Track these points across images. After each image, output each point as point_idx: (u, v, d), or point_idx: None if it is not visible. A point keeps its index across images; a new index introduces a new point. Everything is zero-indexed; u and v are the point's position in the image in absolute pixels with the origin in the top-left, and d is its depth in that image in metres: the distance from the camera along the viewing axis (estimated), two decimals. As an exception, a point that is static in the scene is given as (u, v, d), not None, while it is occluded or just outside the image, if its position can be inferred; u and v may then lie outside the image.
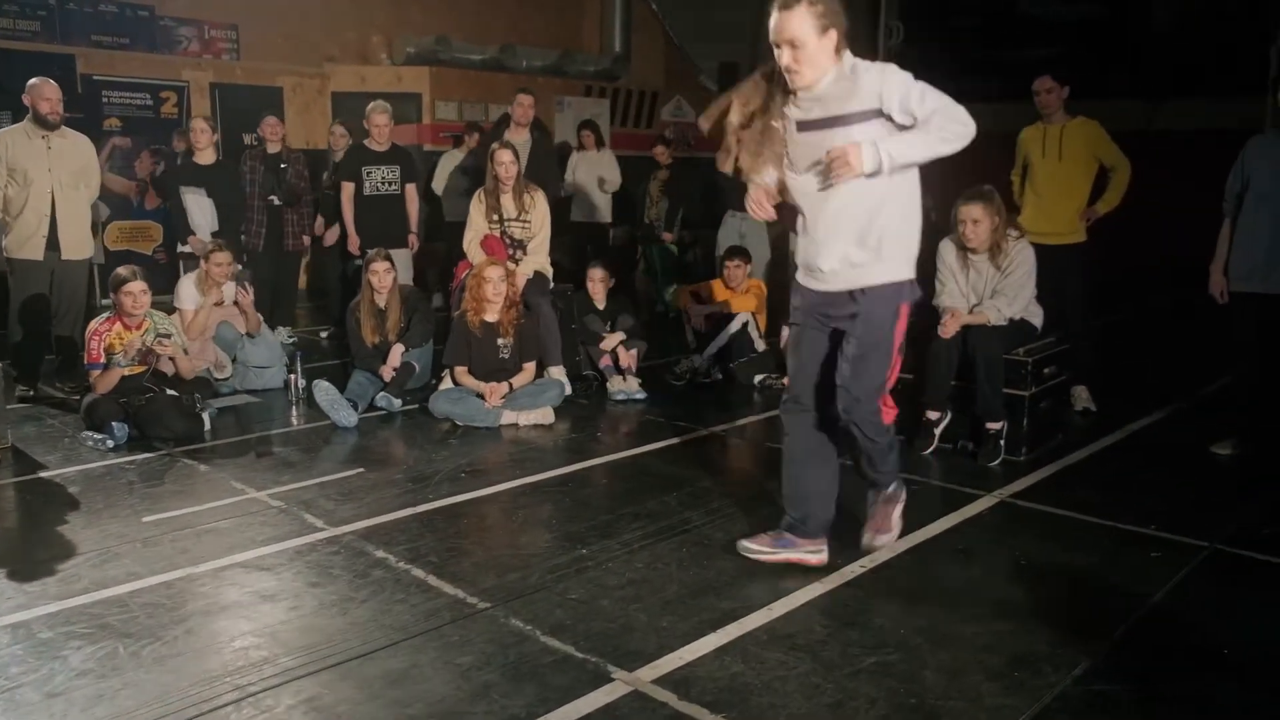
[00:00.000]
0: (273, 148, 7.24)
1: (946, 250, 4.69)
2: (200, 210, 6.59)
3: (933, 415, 4.72)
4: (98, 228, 8.89)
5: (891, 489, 3.47)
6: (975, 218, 4.49)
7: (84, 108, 8.68)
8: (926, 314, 4.91)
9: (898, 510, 3.47)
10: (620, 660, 2.73)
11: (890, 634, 2.89)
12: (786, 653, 2.78)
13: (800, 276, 3.25)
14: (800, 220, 3.19)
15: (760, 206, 3.15)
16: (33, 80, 5.63)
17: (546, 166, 6.64)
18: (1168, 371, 6.55)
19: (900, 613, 3.03)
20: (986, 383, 4.49)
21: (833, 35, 2.87)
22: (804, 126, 3.00)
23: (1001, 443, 4.56)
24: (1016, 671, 2.67)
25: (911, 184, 3.06)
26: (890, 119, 2.91)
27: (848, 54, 2.94)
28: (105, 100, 8.99)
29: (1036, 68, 5.59)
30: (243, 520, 3.81)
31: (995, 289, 4.57)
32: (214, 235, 6.55)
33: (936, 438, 4.73)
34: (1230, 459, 4.61)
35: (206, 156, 6.78)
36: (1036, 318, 4.68)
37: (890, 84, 2.88)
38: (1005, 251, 4.54)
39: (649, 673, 2.67)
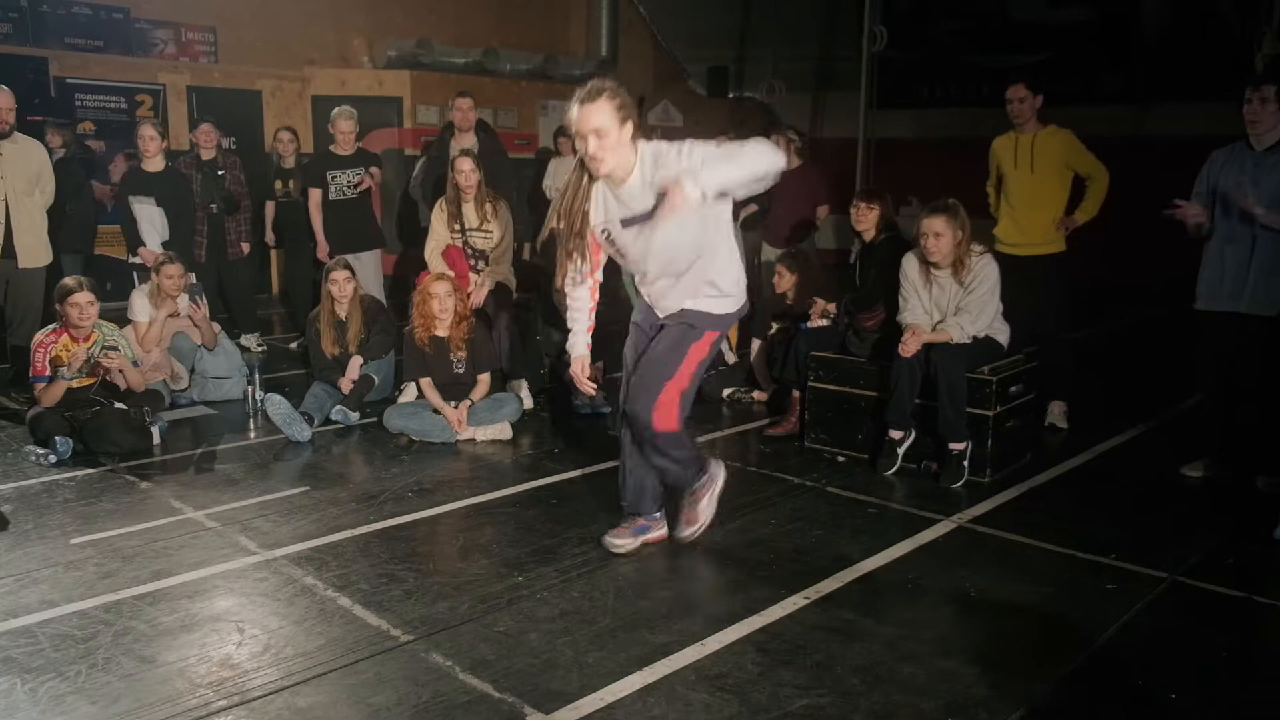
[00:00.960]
0: (207, 154, 7.13)
1: (909, 265, 4.57)
2: (150, 220, 6.45)
3: (895, 434, 4.60)
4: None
5: (698, 483, 3.57)
6: (937, 231, 4.37)
7: (56, 111, 8.58)
8: (891, 329, 4.81)
9: (705, 498, 3.60)
10: (539, 701, 2.61)
11: (825, 673, 2.77)
12: (713, 694, 2.66)
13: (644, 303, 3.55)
14: (641, 279, 3.49)
15: (579, 381, 3.58)
16: None
17: (497, 167, 6.44)
18: (1144, 389, 6.42)
19: (839, 649, 2.91)
20: (949, 403, 4.37)
21: (629, 126, 3.13)
22: (626, 223, 3.27)
23: (965, 464, 4.44)
24: (950, 717, 2.55)
25: (725, 226, 3.34)
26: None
27: (643, 143, 3.19)
28: (79, 103, 8.88)
29: (1028, 72, 5.47)
30: (173, 542, 3.69)
31: (959, 305, 4.44)
32: (164, 245, 6.41)
33: (900, 457, 4.62)
34: (1200, 481, 4.49)
35: (155, 164, 6.58)
36: (1002, 335, 4.56)
37: (690, 157, 3.05)
38: (969, 267, 4.42)
39: (567, 714, 2.55)
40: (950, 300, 4.47)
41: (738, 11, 13.25)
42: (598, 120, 3.07)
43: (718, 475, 3.62)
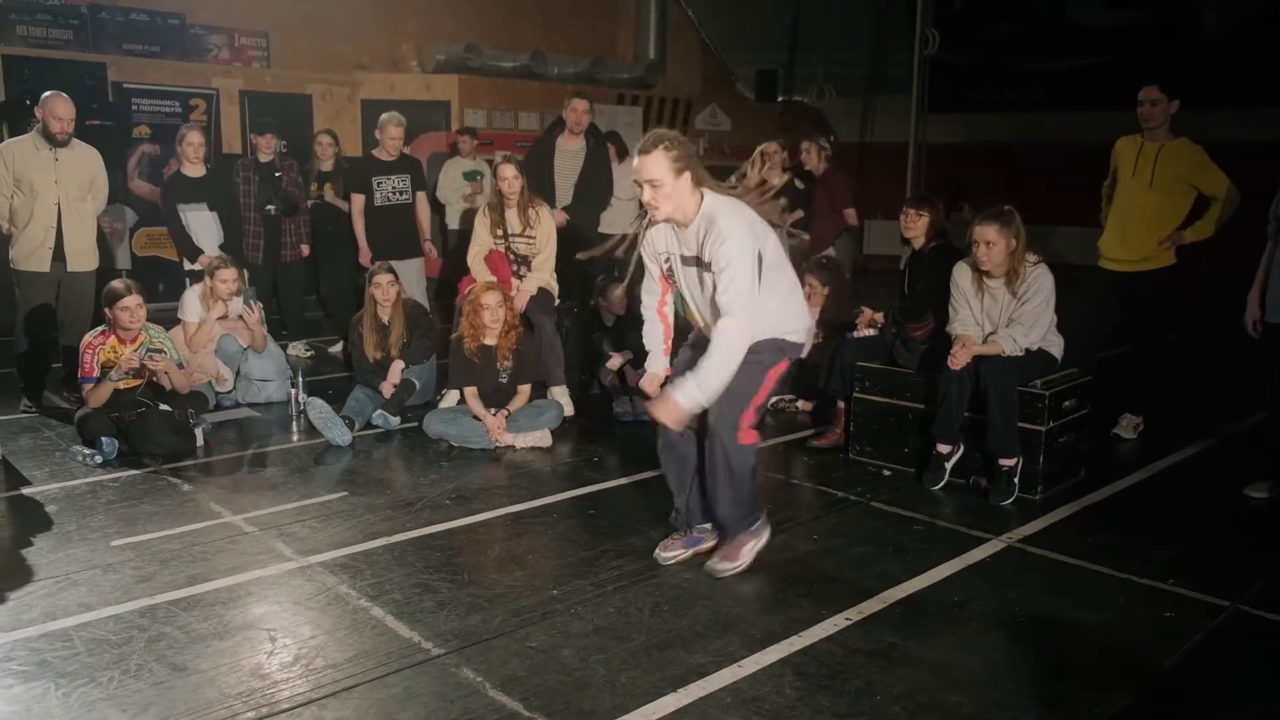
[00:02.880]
0: (264, 157, 7.18)
1: (961, 274, 4.44)
2: (203, 226, 6.49)
3: (943, 449, 4.48)
4: (125, 234, 9.00)
5: (747, 528, 3.53)
6: (989, 239, 4.24)
7: (114, 115, 8.74)
8: (940, 342, 4.68)
9: (750, 545, 3.54)
10: (570, 720, 2.56)
11: (865, 700, 2.67)
12: (749, 718, 2.58)
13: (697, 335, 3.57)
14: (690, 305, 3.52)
15: (652, 401, 3.44)
16: (46, 94, 5.58)
17: (600, 176, 6.38)
18: (1205, 404, 6.18)
19: (880, 675, 2.81)
20: (999, 416, 4.23)
21: (687, 176, 3.22)
22: (685, 261, 3.38)
23: (1015, 481, 4.30)
24: (997, 751, 2.44)
25: (779, 267, 3.36)
26: None
27: (708, 195, 3.26)
28: (135, 108, 9.05)
29: (1082, 76, 5.30)
30: (211, 547, 3.70)
31: (1011, 317, 4.30)
32: (221, 248, 6.48)
33: (947, 472, 4.49)
34: (1264, 503, 4.29)
35: (198, 170, 6.61)
36: (1056, 347, 4.41)
37: (719, 260, 3.18)
38: (1023, 277, 4.28)
39: (598, 736, 2.49)
40: (1003, 311, 4.33)
41: (787, 15, 13.12)
42: (652, 171, 3.19)
43: (764, 532, 3.59)
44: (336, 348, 7.46)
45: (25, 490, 4.33)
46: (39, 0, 8.47)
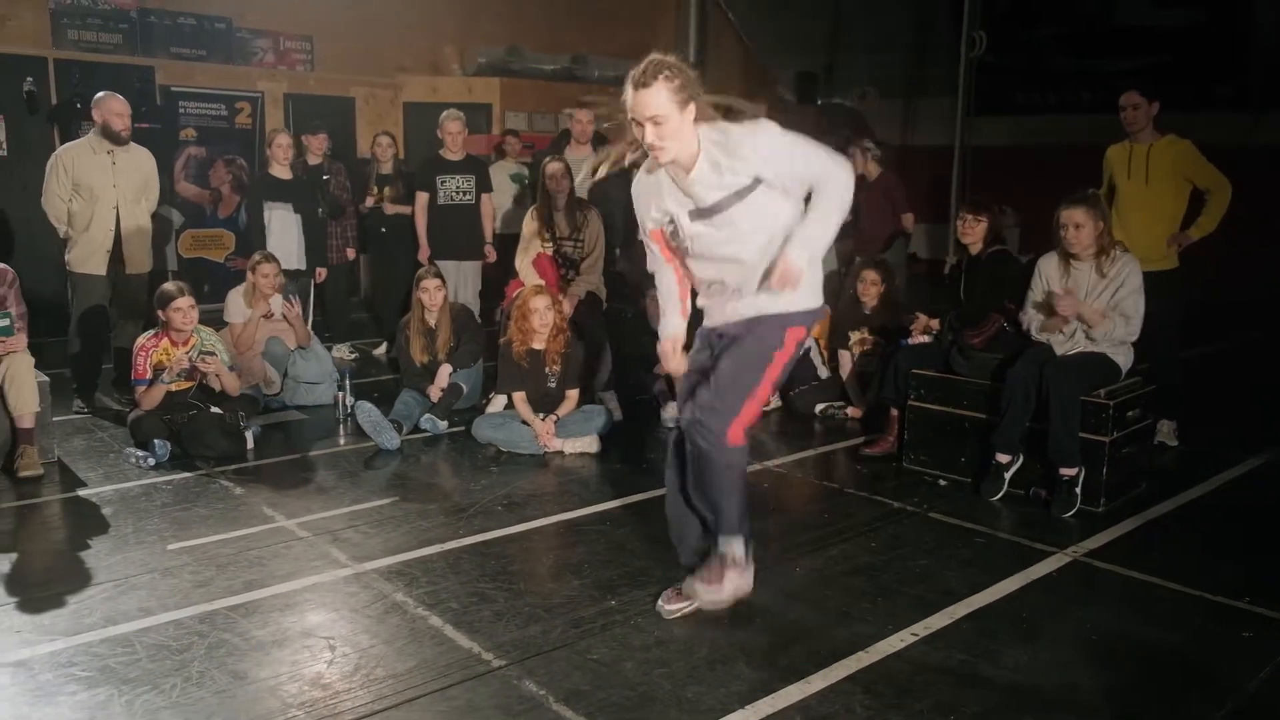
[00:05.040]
0: (314, 159, 7.19)
1: (1047, 263, 4.41)
2: (286, 226, 6.52)
3: (1003, 458, 4.38)
4: (171, 235, 9.08)
5: (739, 549, 3.06)
6: (1077, 222, 4.21)
7: (161, 118, 8.82)
8: (1002, 348, 4.60)
9: (735, 574, 3.05)
10: (636, 737, 2.51)
11: (938, 720, 2.60)
12: (819, 738, 2.52)
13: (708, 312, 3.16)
14: (701, 286, 3.14)
15: (666, 359, 3.15)
16: (101, 94, 5.63)
17: (613, 182, 6.40)
18: (1262, 414, 6.02)
19: (951, 694, 2.73)
20: (1062, 426, 4.14)
21: (692, 109, 2.80)
22: (695, 215, 2.94)
23: (1077, 491, 4.20)
24: (1080, 776, 2.36)
25: (794, 222, 2.92)
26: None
27: (704, 126, 2.83)
28: (182, 111, 9.12)
29: (1131, 78, 5.22)
30: (266, 552, 3.69)
31: (1114, 303, 4.22)
32: (306, 250, 6.56)
33: (1006, 482, 4.39)
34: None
35: (286, 171, 6.67)
36: (1123, 355, 4.30)
37: (767, 158, 2.82)
38: (1112, 258, 4.21)
39: (666, 754, 2.44)
40: (1090, 294, 4.26)
41: (827, 17, 13.01)
42: (654, 105, 2.73)
43: (749, 570, 3.11)
44: (380, 350, 7.48)
45: (81, 492, 4.36)
46: (90, 5, 8.56)
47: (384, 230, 7.40)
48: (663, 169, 2.92)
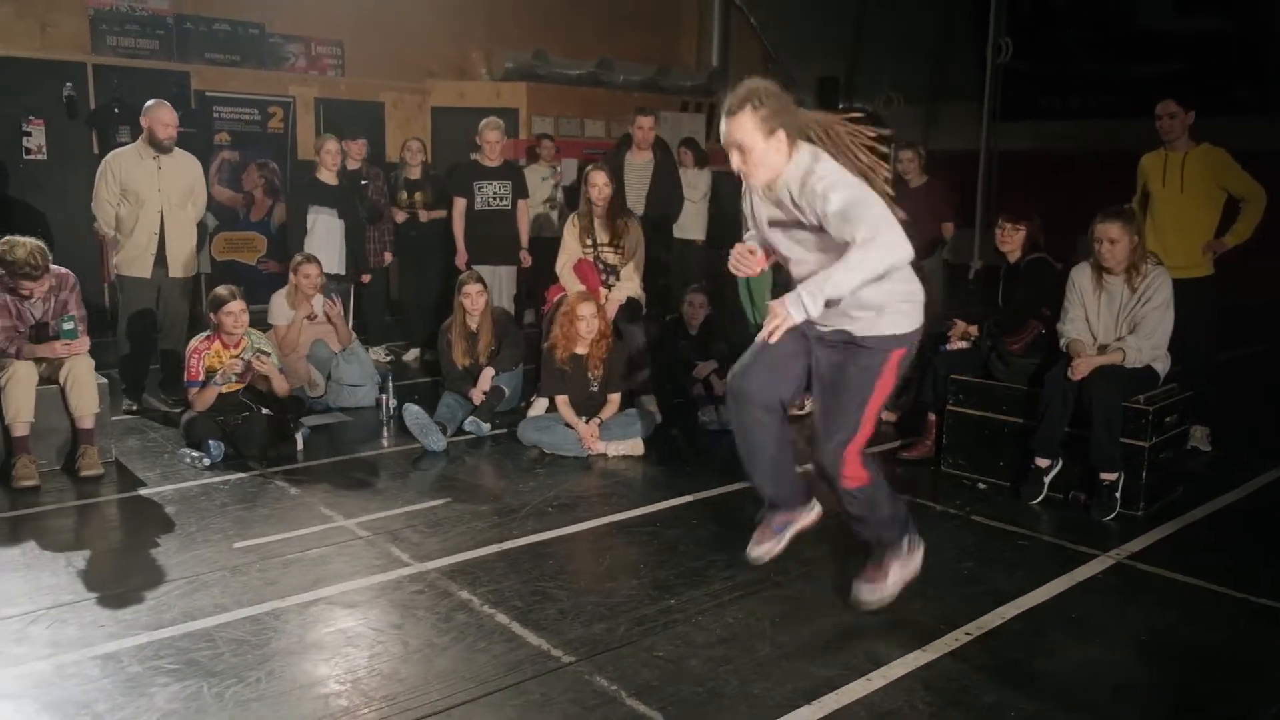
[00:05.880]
0: (353, 164, 7.29)
1: (1080, 275, 4.48)
2: (328, 231, 6.61)
3: (1042, 463, 4.46)
4: (205, 239, 9.20)
5: (898, 541, 3.23)
6: (1112, 237, 4.28)
7: (196, 123, 8.94)
8: (1041, 354, 4.68)
9: (897, 566, 3.22)
10: (709, 731, 2.60)
11: (998, 717, 2.69)
12: (886, 732, 2.61)
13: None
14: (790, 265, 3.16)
15: (743, 260, 3.14)
16: (150, 103, 5.77)
17: (669, 188, 6.56)
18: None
19: (1009, 692, 2.82)
20: (1104, 431, 4.22)
21: (781, 136, 2.86)
22: (772, 224, 3.07)
23: (1117, 495, 4.28)
24: (1142, 771, 2.45)
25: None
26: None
27: (803, 151, 2.90)
28: (216, 115, 9.25)
29: (1154, 83, 5.31)
30: (329, 551, 3.80)
31: (1135, 319, 4.30)
32: (348, 255, 6.67)
33: (1046, 486, 4.47)
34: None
35: (332, 177, 6.75)
36: (1161, 363, 4.38)
37: (826, 208, 2.82)
38: (1144, 274, 4.29)
39: (739, 747, 2.53)
40: (1120, 310, 4.35)
41: (849, 22, 13.08)
42: (739, 135, 2.86)
43: (916, 555, 3.27)
44: (410, 354, 7.59)
45: (142, 491, 4.47)
46: (128, 11, 8.70)
47: (414, 234, 7.50)
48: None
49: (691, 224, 8.18)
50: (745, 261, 3.14)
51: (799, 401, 5.47)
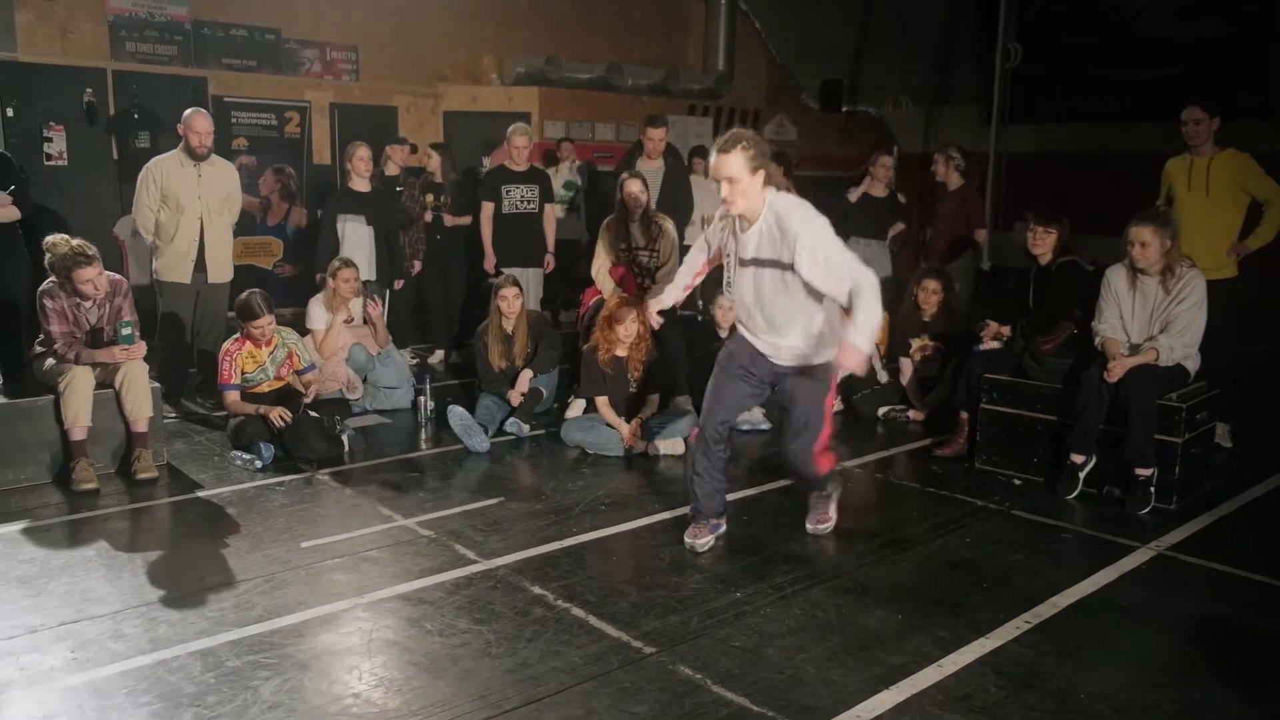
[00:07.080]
0: (391, 171, 7.36)
1: (1115, 275, 4.62)
2: (357, 238, 6.65)
3: (1077, 459, 4.60)
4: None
5: (829, 489, 4.09)
6: (1144, 240, 4.43)
7: (215, 128, 8.99)
8: (1071, 355, 4.81)
9: (833, 502, 4.12)
10: (797, 715, 2.72)
11: (1070, 699, 2.82)
12: (965, 714, 2.73)
13: (741, 331, 3.87)
14: (740, 309, 3.83)
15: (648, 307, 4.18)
16: (188, 111, 5.88)
17: (679, 192, 6.68)
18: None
19: (1076, 675, 2.95)
20: (1139, 427, 4.36)
21: (761, 174, 3.49)
22: (743, 263, 3.64)
23: (1152, 490, 4.42)
24: (1214, 748, 2.58)
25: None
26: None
27: (773, 193, 3.55)
28: (234, 120, 9.31)
29: (1158, 87, 5.45)
30: (396, 549, 3.89)
31: (1168, 318, 4.44)
32: (381, 261, 6.72)
33: (1081, 482, 4.61)
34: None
35: (364, 185, 6.78)
36: (1192, 361, 4.53)
37: (802, 253, 3.44)
38: (1178, 275, 4.43)
39: (828, 730, 2.65)
40: (1154, 309, 4.48)
41: (853, 26, 13.23)
42: (730, 169, 3.45)
43: (836, 489, 4.15)
44: (435, 357, 7.67)
45: (199, 493, 4.56)
46: (147, 17, 8.76)
47: (438, 238, 7.59)
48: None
49: (696, 231, 8.29)
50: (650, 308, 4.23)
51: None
